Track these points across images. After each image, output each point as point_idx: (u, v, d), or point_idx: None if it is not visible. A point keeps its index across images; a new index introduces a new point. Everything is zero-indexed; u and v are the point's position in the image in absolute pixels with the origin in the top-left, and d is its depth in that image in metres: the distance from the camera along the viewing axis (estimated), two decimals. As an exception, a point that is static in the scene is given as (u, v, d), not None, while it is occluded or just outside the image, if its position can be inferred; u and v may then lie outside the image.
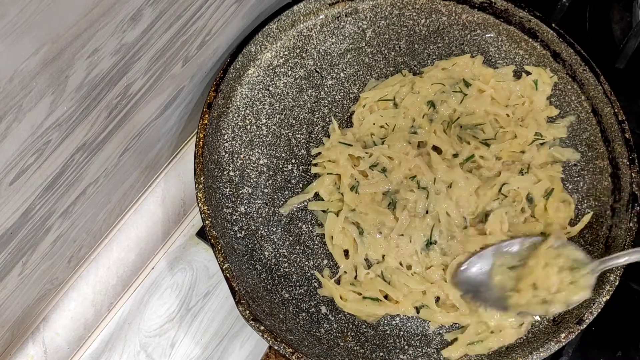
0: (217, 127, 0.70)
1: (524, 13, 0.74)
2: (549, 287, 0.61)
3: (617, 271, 0.62)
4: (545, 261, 0.62)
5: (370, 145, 0.73)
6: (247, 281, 0.65)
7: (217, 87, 0.70)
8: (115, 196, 0.68)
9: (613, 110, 0.69)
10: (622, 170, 0.67)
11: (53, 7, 0.42)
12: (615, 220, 0.66)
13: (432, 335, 0.66)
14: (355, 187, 0.69)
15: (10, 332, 0.65)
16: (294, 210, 0.72)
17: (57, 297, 0.69)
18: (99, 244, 0.71)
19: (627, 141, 0.67)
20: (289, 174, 0.73)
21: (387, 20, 0.78)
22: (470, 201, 0.69)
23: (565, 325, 0.62)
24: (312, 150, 0.74)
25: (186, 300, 0.73)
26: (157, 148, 0.71)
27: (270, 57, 0.75)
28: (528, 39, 0.75)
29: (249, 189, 0.71)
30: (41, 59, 0.44)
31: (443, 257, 0.67)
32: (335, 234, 0.69)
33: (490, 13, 0.76)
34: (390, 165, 0.70)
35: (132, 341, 0.71)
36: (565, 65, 0.73)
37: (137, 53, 0.55)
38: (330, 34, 0.77)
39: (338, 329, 0.66)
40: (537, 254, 0.63)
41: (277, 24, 0.74)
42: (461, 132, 0.73)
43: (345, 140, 0.72)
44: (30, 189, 0.52)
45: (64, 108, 0.50)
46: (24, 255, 0.58)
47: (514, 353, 0.62)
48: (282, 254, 0.69)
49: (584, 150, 0.72)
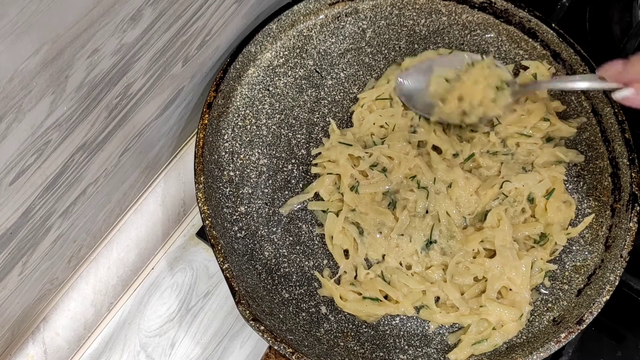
0: (217, 127, 0.70)
1: (524, 13, 0.74)
2: (472, 100, 0.67)
3: (617, 271, 0.63)
4: (477, 78, 0.67)
5: (370, 145, 0.73)
6: (247, 281, 0.65)
7: (217, 87, 0.70)
8: (115, 196, 0.68)
9: (613, 110, 0.69)
10: (622, 170, 0.67)
11: (53, 7, 0.42)
12: (615, 220, 0.66)
13: (432, 335, 0.66)
14: (355, 187, 0.69)
15: (10, 332, 0.65)
16: (294, 210, 0.72)
17: (57, 297, 0.69)
18: (99, 244, 0.71)
19: (627, 141, 0.67)
20: (289, 174, 0.73)
21: (387, 20, 0.78)
22: (471, 201, 0.69)
23: (565, 325, 0.62)
24: (312, 151, 0.74)
25: (186, 300, 0.73)
26: (157, 148, 0.71)
27: (270, 57, 0.75)
28: (528, 39, 0.75)
29: (249, 189, 0.71)
30: (41, 59, 0.44)
31: (443, 257, 0.67)
32: (335, 234, 0.69)
33: (490, 13, 0.76)
34: (390, 165, 0.70)
35: (132, 341, 0.72)
36: (565, 65, 0.73)
37: (137, 53, 0.55)
38: (330, 34, 0.77)
39: (338, 329, 0.66)
40: (472, 71, 0.68)
41: (277, 24, 0.74)
42: (461, 131, 0.73)
43: (345, 140, 0.72)
44: (30, 189, 0.52)
45: (64, 108, 0.50)
46: (24, 255, 0.58)
47: (514, 353, 0.62)
48: (282, 254, 0.69)
49: (584, 150, 0.72)
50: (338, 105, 0.77)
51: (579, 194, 0.70)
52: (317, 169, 0.73)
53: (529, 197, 0.69)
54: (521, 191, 0.69)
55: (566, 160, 0.71)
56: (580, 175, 0.71)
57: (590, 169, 0.71)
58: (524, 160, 0.71)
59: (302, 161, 0.74)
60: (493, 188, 0.69)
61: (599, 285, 0.63)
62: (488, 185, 0.69)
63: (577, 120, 0.72)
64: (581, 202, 0.70)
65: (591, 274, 0.65)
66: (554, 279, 0.67)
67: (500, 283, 0.65)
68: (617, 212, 0.66)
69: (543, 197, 0.69)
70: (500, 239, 0.66)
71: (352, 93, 0.77)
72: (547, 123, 0.71)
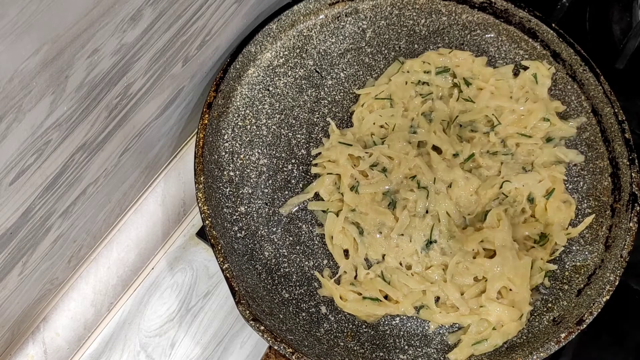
0: (217, 127, 0.70)
1: (524, 13, 0.74)
2: None
3: (617, 271, 0.63)
4: None
5: (370, 145, 0.73)
6: (247, 281, 0.65)
7: (217, 87, 0.70)
8: (115, 196, 0.68)
9: (613, 110, 0.69)
10: (622, 170, 0.67)
11: (53, 7, 0.42)
12: (615, 220, 0.66)
13: (432, 335, 0.66)
14: (355, 187, 0.69)
15: (10, 332, 0.65)
16: (294, 211, 0.72)
17: (57, 297, 0.69)
18: (99, 244, 0.71)
19: (627, 141, 0.67)
20: (289, 174, 0.73)
21: (387, 20, 0.78)
22: (471, 201, 0.69)
23: (565, 325, 0.62)
24: (312, 151, 0.74)
25: (186, 300, 0.73)
26: (157, 148, 0.71)
27: (270, 57, 0.75)
28: (528, 39, 0.75)
29: (249, 189, 0.71)
30: (41, 59, 0.44)
31: (443, 257, 0.67)
32: (335, 234, 0.69)
33: (490, 13, 0.76)
34: (390, 165, 0.70)
35: (132, 341, 0.71)
36: (565, 65, 0.73)
37: (137, 53, 0.55)
38: (330, 34, 0.77)
39: (338, 329, 0.66)
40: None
41: (277, 24, 0.74)
42: (461, 131, 0.73)
43: (345, 140, 0.72)
44: (30, 189, 0.52)
45: (64, 108, 0.50)
46: (24, 255, 0.58)
47: (514, 353, 0.62)
48: (282, 254, 0.69)
49: (584, 150, 0.72)
50: (338, 105, 0.77)
51: (579, 194, 0.70)
52: (317, 169, 0.73)
53: (529, 197, 0.69)
54: (521, 191, 0.69)
55: (566, 160, 0.71)
56: (580, 175, 0.71)
57: (590, 169, 0.71)
58: (524, 160, 0.71)
59: (302, 161, 0.74)
60: (493, 188, 0.69)
61: (599, 285, 0.63)
62: (488, 185, 0.69)
63: (577, 120, 0.72)
64: (581, 202, 0.70)
65: (591, 274, 0.65)
66: (554, 279, 0.67)
67: (500, 283, 0.65)
68: (617, 212, 0.66)
69: (543, 197, 0.69)
70: (500, 239, 0.66)
71: (352, 93, 0.77)
72: (547, 123, 0.71)
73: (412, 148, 0.71)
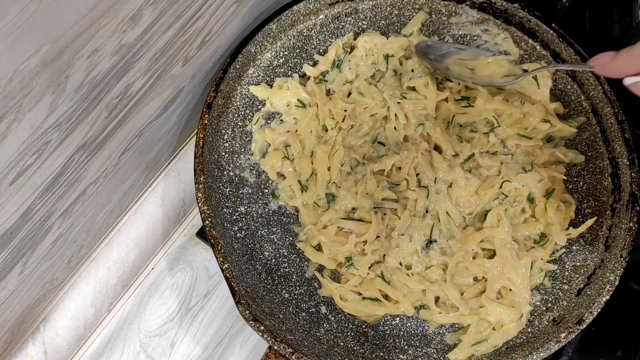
0: (217, 127, 0.70)
1: (524, 13, 0.74)
2: (482, 74, 0.72)
3: (617, 271, 0.63)
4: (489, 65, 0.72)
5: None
6: (247, 281, 0.65)
7: (217, 87, 0.70)
8: (115, 196, 0.68)
9: (613, 110, 0.69)
10: (622, 170, 0.67)
11: (53, 7, 0.42)
12: (615, 220, 0.66)
13: (432, 335, 0.66)
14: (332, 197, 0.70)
15: (10, 332, 0.65)
16: (294, 211, 0.72)
17: (57, 297, 0.69)
18: (99, 244, 0.71)
19: (627, 141, 0.67)
20: (289, 174, 0.73)
21: (387, 20, 0.78)
22: (471, 201, 0.69)
23: (565, 325, 0.62)
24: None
25: (186, 300, 0.73)
26: (157, 148, 0.71)
27: (270, 57, 0.75)
28: (528, 39, 0.75)
29: (248, 189, 0.71)
30: (41, 59, 0.44)
31: (443, 256, 0.67)
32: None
33: (490, 13, 0.76)
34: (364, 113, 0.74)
35: (132, 341, 0.72)
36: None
37: (137, 53, 0.55)
38: (330, 34, 0.77)
39: (338, 329, 0.66)
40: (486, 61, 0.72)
41: (277, 24, 0.74)
42: (461, 131, 0.73)
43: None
44: (30, 189, 0.52)
45: (64, 108, 0.50)
46: (24, 255, 0.58)
47: (514, 353, 0.62)
48: (282, 254, 0.69)
49: (584, 150, 0.72)
50: (338, 105, 0.77)
51: (579, 194, 0.70)
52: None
53: (528, 197, 0.69)
54: (521, 191, 0.69)
55: (566, 161, 0.71)
56: (580, 175, 0.71)
57: (590, 169, 0.71)
58: (524, 160, 0.71)
59: (302, 161, 0.74)
60: (493, 188, 0.69)
61: (599, 285, 0.63)
62: (488, 185, 0.69)
63: (577, 120, 0.72)
64: (581, 202, 0.70)
65: (591, 274, 0.65)
66: (554, 279, 0.67)
67: (500, 283, 0.65)
68: (617, 212, 0.66)
69: (543, 197, 0.69)
70: (500, 239, 0.66)
71: (352, 93, 0.77)
72: (547, 125, 0.71)
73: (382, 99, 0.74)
